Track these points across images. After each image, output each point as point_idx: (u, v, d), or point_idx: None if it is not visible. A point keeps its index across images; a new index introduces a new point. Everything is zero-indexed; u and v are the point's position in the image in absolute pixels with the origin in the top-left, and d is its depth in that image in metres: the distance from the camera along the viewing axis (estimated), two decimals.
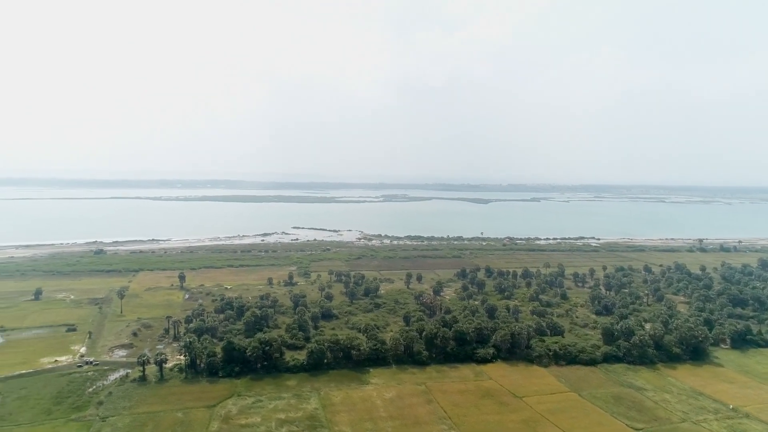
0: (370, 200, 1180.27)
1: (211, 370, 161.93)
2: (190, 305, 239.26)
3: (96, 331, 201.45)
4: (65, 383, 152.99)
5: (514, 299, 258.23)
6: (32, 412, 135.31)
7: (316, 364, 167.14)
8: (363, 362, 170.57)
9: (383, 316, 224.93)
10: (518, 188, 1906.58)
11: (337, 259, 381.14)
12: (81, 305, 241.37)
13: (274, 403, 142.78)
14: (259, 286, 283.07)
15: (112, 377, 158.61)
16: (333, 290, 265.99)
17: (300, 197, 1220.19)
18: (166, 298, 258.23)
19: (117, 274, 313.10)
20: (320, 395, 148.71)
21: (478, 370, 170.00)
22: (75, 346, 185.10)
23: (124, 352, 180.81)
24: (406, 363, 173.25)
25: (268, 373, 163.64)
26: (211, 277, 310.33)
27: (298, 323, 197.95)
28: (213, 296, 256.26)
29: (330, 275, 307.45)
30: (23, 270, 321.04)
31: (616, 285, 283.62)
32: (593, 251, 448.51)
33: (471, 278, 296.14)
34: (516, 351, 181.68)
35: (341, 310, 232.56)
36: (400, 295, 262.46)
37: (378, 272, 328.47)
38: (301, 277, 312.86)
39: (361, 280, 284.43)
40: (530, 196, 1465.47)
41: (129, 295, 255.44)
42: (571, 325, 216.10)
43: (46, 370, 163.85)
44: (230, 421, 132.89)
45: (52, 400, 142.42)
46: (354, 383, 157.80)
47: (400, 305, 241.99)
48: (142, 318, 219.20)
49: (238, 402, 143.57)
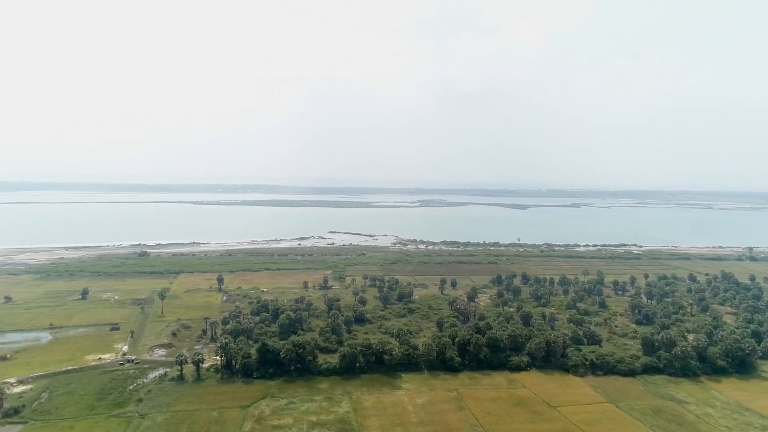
0: (406, 205, 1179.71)
1: (245, 371, 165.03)
2: (227, 307, 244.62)
3: (138, 331, 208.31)
4: (108, 380, 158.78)
5: (550, 307, 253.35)
6: (77, 407, 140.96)
7: (348, 367, 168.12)
8: (395, 367, 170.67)
9: (416, 322, 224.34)
10: (558, 194, 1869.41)
11: (371, 263, 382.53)
12: (124, 305, 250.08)
13: (306, 406, 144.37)
14: (294, 289, 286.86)
15: (151, 375, 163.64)
16: (367, 295, 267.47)
17: (337, 202, 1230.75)
18: (204, 299, 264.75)
19: (159, 276, 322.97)
20: (352, 399, 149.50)
21: (512, 378, 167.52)
22: (118, 345, 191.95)
23: (163, 352, 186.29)
24: (438, 369, 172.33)
25: (301, 375, 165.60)
26: (249, 279, 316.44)
27: (332, 327, 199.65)
28: (250, 298, 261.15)
29: (364, 280, 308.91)
30: (72, 270, 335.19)
31: (658, 294, 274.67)
32: (635, 259, 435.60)
33: (506, 285, 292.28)
34: (551, 359, 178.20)
35: (374, 314, 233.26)
36: (434, 301, 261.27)
37: (412, 277, 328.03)
38: (336, 281, 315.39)
39: (395, 284, 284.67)
40: (570, 202, 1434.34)
41: (170, 296, 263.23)
42: (609, 334, 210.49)
43: (91, 367, 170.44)
44: (263, 421, 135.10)
45: (95, 395, 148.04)
46: (385, 388, 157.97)
47: (433, 311, 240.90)
48: (182, 319, 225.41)
49: (271, 403, 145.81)
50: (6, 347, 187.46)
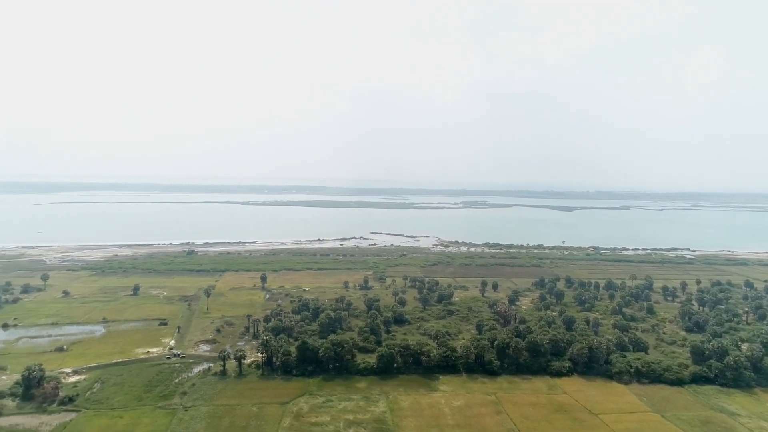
0: (448, 207, 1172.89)
1: (285, 368, 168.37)
2: (269, 305, 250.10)
3: (184, 326, 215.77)
4: (155, 373, 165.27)
5: (594, 311, 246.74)
6: (126, 398, 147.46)
7: (386, 367, 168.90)
8: (433, 368, 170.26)
9: (456, 324, 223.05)
10: (606, 195, 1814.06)
11: (412, 264, 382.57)
12: (172, 302, 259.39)
13: (343, 404, 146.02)
14: (335, 289, 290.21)
15: (195, 370, 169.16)
16: (407, 296, 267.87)
17: (379, 203, 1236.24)
18: (248, 297, 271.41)
19: (205, 274, 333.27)
20: (389, 399, 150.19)
21: (552, 384, 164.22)
22: (165, 339, 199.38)
23: (207, 347, 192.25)
24: (477, 372, 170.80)
25: (339, 374, 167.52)
26: (291, 279, 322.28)
27: (370, 327, 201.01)
28: (291, 297, 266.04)
29: (405, 280, 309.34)
30: (125, 267, 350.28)
31: (710, 300, 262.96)
32: (687, 263, 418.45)
33: (549, 288, 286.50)
34: (594, 366, 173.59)
35: (414, 315, 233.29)
36: (474, 303, 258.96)
37: (453, 279, 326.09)
38: (377, 281, 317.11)
39: (435, 286, 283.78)
40: (619, 204, 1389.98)
41: (215, 293, 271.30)
42: (656, 341, 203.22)
43: (140, 359, 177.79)
44: (301, 418, 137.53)
45: (143, 387, 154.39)
46: (423, 389, 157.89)
47: (473, 313, 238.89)
48: (226, 316, 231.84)
49: (309, 400, 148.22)
50: (63, 339, 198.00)
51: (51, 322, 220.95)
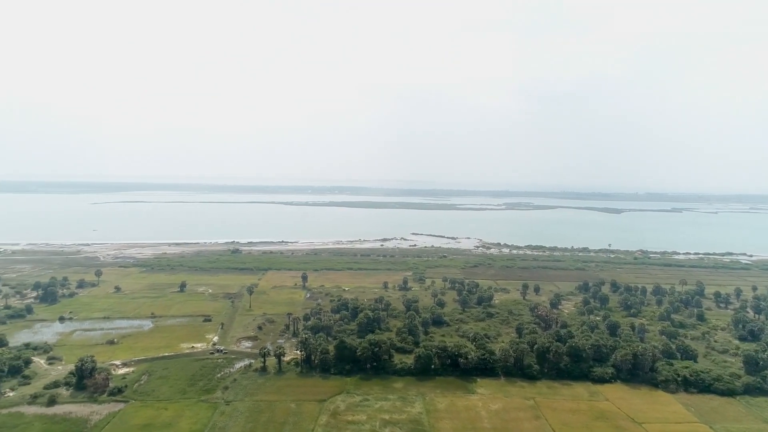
0: (491, 208, 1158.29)
1: (323, 366, 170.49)
2: (309, 304, 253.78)
3: (227, 323, 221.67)
4: (198, 367, 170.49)
5: (641, 317, 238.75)
6: (170, 391, 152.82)
7: (423, 368, 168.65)
8: (470, 371, 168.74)
9: (495, 326, 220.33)
10: (657, 197, 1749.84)
11: (452, 266, 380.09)
12: (217, 299, 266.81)
13: (380, 404, 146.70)
14: (374, 289, 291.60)
15: (237, 365, 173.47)
16: (446, 297, 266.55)
17: (421, 204, 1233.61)
18: (289, 296, 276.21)
19: (249, 272, 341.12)
20: (425, 400, 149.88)
21: (594, 390, 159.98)
22: (209, 335, 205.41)
23: (249, 344, 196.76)
24: (515, 375, 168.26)
25: (377, 373, 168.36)
26: (331, 278, 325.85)
27: (408, 327, 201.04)
28: (331, 296, 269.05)
29: (444, 282, 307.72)
30: (173, 265, 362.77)
31: (767, 308, 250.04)
32: (742, 269, 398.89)
33: (593, 292, 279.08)
34: (638, 373, 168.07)
35: (452, 317, 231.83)
36: (515, 306, 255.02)
37: (494, 281, 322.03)
38: (416, 282, 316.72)
39: (475, 288, 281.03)
40: (670, 206, 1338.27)
41: (257, 291, 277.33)
42: (706, 349, 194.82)
43: (184, 354, 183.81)
44: (338, 416, 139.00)
45: (187, 381, 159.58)
46: (460, 391, 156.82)
47: (513, 316, 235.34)
48: (267, 313, 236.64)
49: (346, 399, 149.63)
50: (114, 332, 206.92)
51: (103, 316, 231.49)
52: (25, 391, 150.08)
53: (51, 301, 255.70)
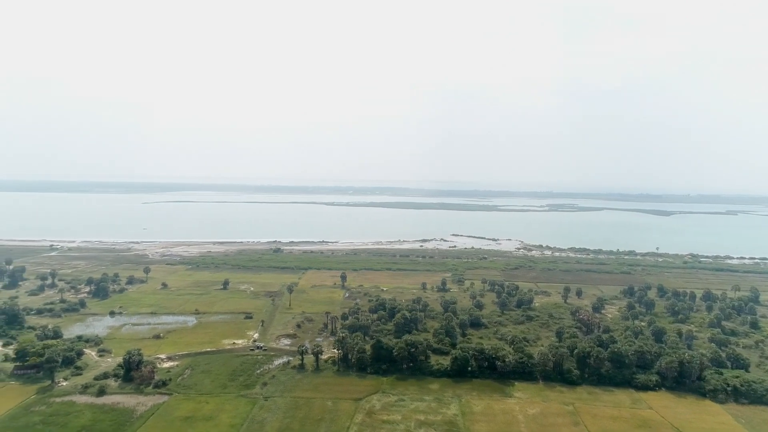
0: (534, 209, 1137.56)
1: (360, 365, 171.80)
2: (348, 303, 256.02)
3: (267, 321, 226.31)
4: (239, 363, 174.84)
5: (689, 324, 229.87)
6: (212, 385, 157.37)
7: (459, 370, 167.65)
8: (508, 374, 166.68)
9: (534, 329, 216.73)
10: (709, 199, 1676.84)
11: (492, 268, 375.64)
12: (258, 297, 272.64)
13: (415, 404, 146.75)
14: (413, 290, 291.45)
15: (276, 362, 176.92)
16: (485, 299, 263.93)
17: (461, 205, 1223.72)
18: (328, 295, 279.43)
19: (289, 271, 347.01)
20: (461, 402, 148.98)
21: (637, 397, 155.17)
22: (250, 332, 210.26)
23: (288, 341, 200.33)
24: (554, 380, 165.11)
25: (413, 374, 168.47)
26: (370, 278, 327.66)
27: (446, 329, 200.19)
28: (369, 296, 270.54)
29: (483, 284, 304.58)
30: (217, 263, 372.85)
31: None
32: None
33: (639, 297, 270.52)
34: (684, 381, 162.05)
35: (491, 319, 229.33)
36: (556, 309, 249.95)
37: (534, 284, 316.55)
38: (455, 283, 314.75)
39: (515, 290, 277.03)
40: (724, 209, 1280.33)
41: (297, 290, 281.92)
42: (760, 359, 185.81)
43: (226, 350, 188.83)
44: (373, 415, 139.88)
45: (228, 376, 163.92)
46: (496, 394, 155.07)
47: (554, 319, 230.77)
48: (306, 312, 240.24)
49: (382, 398, 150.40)
50: (160, 327, 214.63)
51: (150, 311, 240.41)
52: (77, 381, 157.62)
53: (102, 296, 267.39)
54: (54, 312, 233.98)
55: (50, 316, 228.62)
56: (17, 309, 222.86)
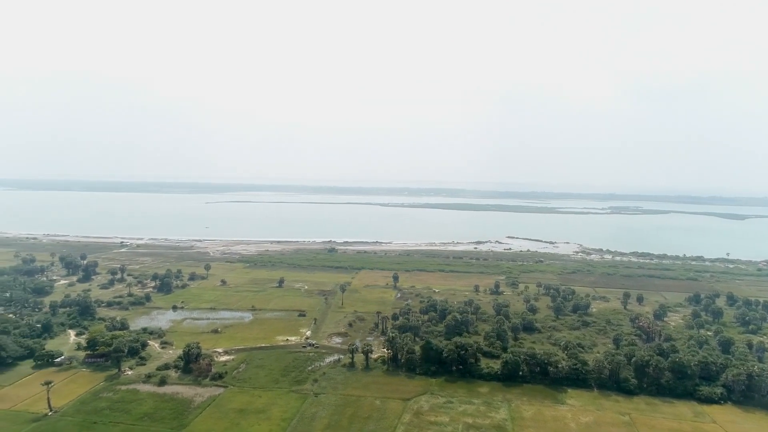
0: (594, 212, 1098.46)
1: (409, 365, 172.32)
2: (399, 304, 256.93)
3: (320, 319, 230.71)
4: (291, 359, 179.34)
5: (761, 334, 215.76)
6: (265, 380, 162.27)
7: (510, 374, 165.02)
8: (560, 380, 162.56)
9: (590, 336, 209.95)
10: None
11: (548, 271, 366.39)
12: (311, 295, 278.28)
13: (463, 407, 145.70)
14: (465, 292, 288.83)
15: (327, 360, 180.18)
16: (539, 303, 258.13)
17: (518, 206, 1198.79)
18: (380, 295, 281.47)
19: (343, 271, 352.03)
20: (510, 407, 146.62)
21: (699, 411, 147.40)
22: (303, 329, 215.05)
23: (339, 340, 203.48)
24: (610, 389, 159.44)
25: (462, 376, 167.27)
26: (422, 279, 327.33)
27: (497, 332, 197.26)
28: (421, 297, 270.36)
29: (538, 288, 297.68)
30: (273, 262, 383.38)
31: None
32: None
33: (705, 305, 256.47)
34: (753, 396, 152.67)
35: (545, 324, 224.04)
36: (614, 316, 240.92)
37: (592, 289, 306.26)
38: (508, 287, 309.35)
39: (571, 295, 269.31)
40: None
41: (350, 290, 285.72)
42: None
43: (279, 346, 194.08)
44: (421, 416, 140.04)
45: (280, 372, 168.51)
46: (548, 400, 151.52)
47: (612, 326, 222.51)
48: (358, 311, 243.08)
49: (430, 400, 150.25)
50: (218, 322, 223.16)
51: (210, 306, 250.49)
52: (141, 371, 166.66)
53: (166, 291, 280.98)
54: (122, 305, 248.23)
55: (119, 309, 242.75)
56: (89, 301, 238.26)
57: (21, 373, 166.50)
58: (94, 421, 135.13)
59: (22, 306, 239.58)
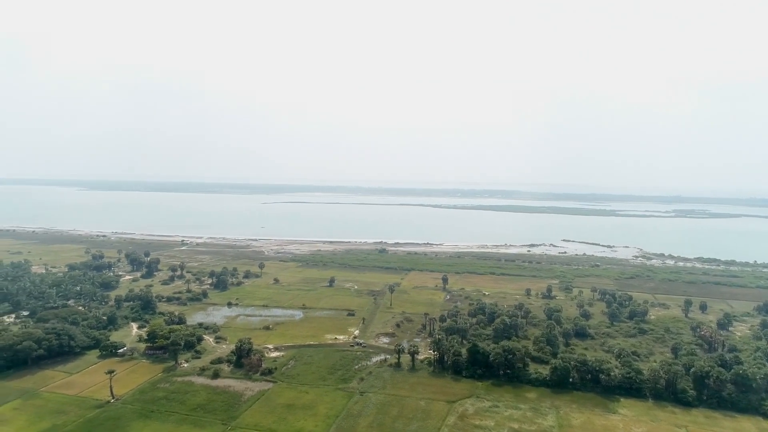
0: (657, 215, 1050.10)
1: (456, 368, 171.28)
2: (447, 306, 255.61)
3: (368, 318, 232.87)
4: (339, 358, 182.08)
5: None
6: (312, 377, 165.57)
7: (559, 381, 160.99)
8: (613, 389, 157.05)
9: (647, 344, 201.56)
10: None
11: (605, 276, 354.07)
12: (361, 295, 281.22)
13: (509, 412, 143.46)
14: (516, 296, 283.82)
15: (374, 359, 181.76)
16: (593, 309, 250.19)
17: (576, 209, 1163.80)
18: (429, 297, 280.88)
19: (393, 272, 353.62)
20: (559, 414, 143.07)
21: (765, 427, 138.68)
22: (351, 329, 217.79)
23: (386, 340, 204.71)
24: (666, 400, 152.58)
25: (510, 381, 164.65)
26: (472, 282, 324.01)
27: (547, 337, 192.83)
28: (470, 300, 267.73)
29: (593, 293, 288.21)
30: (325, 261, 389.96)
31: None
32: None
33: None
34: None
35: (598, 330, 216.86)
36: (674, 324, 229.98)
37: (651, 295, 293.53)
38: (562, 291, 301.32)
39: (628, 301, 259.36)
40: None
41: (399, 290, 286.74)
42: None
43: (327, 344, 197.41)
44: (466, 419, 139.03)
45: (328, 369, 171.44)
46: (598, 409, 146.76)
47: (670, 334, 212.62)
48: (406, 312, 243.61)
49: (475, 403, 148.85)
50: (270, 319, 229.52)
51: (262, 304, 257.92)
52: (196, 364, 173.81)
53: (222, 288, 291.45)
54: (180, 300, 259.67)
55: (177, 304, 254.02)
56: (151, 296, 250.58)
57: (88, 361, 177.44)
58: (151, 410, 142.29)
59: (91, 299, 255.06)
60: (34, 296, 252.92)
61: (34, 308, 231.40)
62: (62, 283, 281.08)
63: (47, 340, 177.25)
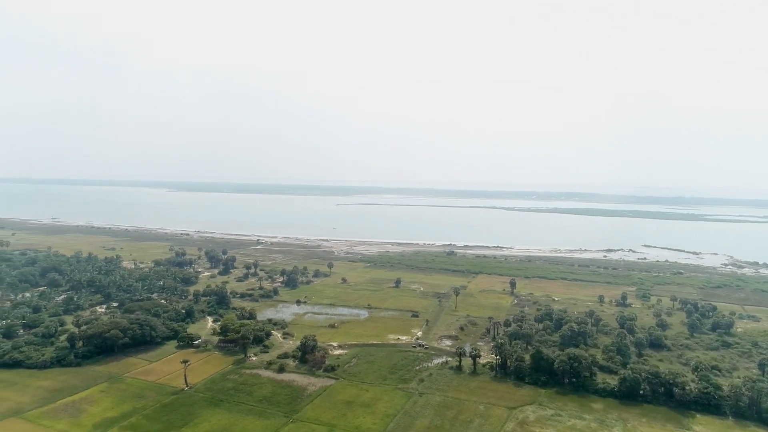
0: (753, 220, 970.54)
1: (518, 373, 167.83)
2: (513, 310, 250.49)
3: (432, 320, 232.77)
4: (400, 358, 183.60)
5: None
6: (373, 375, 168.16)
7: (628, 392, 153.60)
8: (688, 404, 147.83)
9: (731, 358, 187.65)
10: None
11: (688, 284, 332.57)
12: (426, 297, 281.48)
13: (573, 421, 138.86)
14: (587, 302, 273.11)
15: (435, 361, 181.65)
16: (671, 319, 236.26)
17: (659, 213, 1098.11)
18: (495, 300, 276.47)
19: (460, 274, 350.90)
20: (626, 427, 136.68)
21: None
22: (414, 330, 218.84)
23: (449, 342, 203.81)
24: (749, 419, 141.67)
25: (575, 390, 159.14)
26: (542, 287, 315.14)
27: (618, 346, 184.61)
28: (538, 305, 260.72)
29: (672, 302, 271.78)
30: (392, 262, 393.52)
31: None
32: None
33: None
34: None
35: (676, 341, 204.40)
36: (763, 338, 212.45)
37: (740, 307, 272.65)
38: (638, 299, 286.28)
39: (711, 312, 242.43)
40: None
41: (465, 293, 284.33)
42: None
43: (390, 344, 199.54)
44: (525, 426, 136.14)
45: (389, 369, 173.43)
46: (671, 424, 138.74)
47: (759, 349, 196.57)
48: (471, 315, 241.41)
49: (537, 410, 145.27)
50: (336, 318, 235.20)
51: (329, 303, 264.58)
52: (264, 358, 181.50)
53: (292, 286, 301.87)
54: (253, 297, 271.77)
55: (249, 300, 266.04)
56: (226, 292, 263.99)
57: (166, 351, 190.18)
58: (220, 399, 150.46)
59: (172, 293, 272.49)
60: (123, 289, 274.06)
61: (122, 300, 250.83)
62: (147, 278, 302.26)
63: (132, 329, 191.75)
